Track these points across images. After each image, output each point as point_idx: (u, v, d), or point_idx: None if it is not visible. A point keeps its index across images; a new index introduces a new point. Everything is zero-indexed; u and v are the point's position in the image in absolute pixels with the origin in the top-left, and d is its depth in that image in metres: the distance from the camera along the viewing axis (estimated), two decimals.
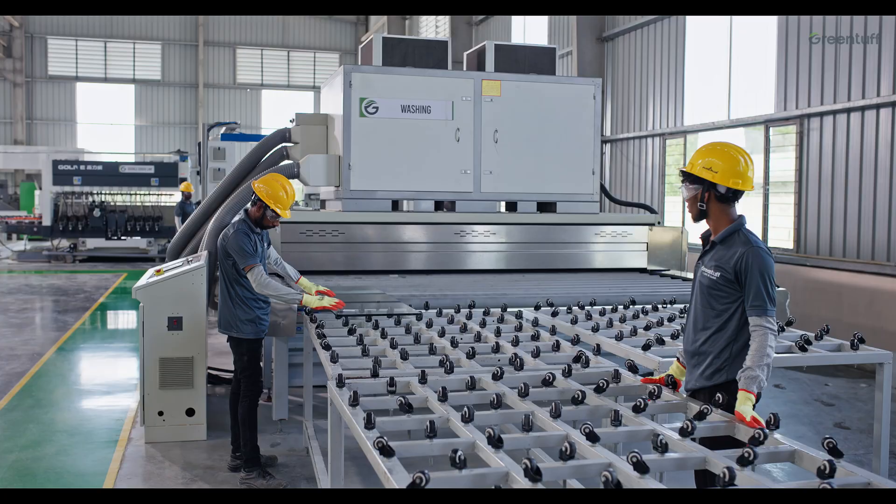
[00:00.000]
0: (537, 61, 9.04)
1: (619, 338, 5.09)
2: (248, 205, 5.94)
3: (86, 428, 7.12)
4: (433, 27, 28.37)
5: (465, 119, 8.43)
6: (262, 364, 6.08)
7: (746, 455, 2.78)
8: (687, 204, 3.90)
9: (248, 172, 9.02)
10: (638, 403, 3.47)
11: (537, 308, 6.42)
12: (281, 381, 6.71)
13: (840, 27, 10.72)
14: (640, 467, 2.68)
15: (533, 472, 2.60)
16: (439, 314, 6.03)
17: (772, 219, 12.08)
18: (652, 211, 9.34)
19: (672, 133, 14.74)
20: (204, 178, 13.04)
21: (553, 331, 5.41)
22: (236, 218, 6.03)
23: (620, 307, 6.50)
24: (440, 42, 8.86)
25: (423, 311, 6.18)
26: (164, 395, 6.63)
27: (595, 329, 5.40)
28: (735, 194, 3.75)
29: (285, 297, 5.63)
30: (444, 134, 8.39)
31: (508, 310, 6.24)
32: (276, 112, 34.85)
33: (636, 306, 6.54)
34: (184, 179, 23.08)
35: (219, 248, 5.97)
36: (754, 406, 3.40)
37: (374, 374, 4.05)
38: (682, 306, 6.52)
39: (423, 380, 3.92)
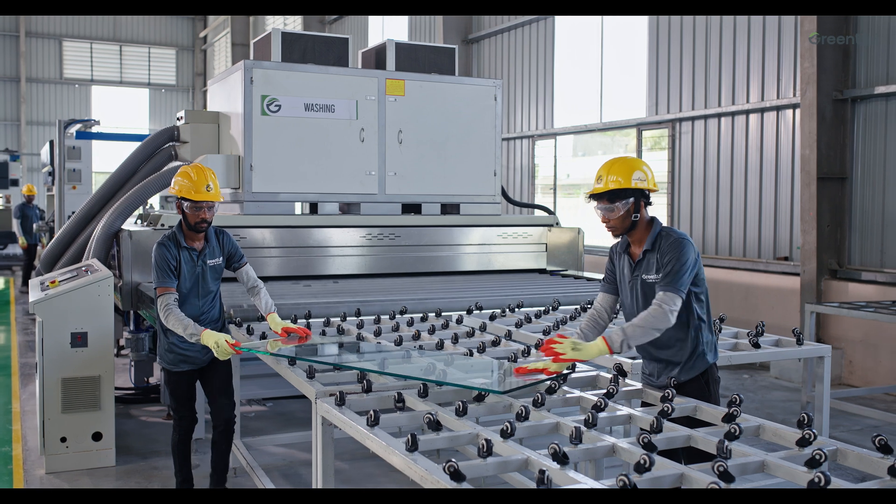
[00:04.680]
0: (437, 61, 8.91)
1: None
2: None
3: None
4: (280, 25, 27.61)
5: (369, 119, 8.19)
6: (188, 394, 5.38)
7: (818, 457, 2.77)
8: (610, 223, 3.86)
9: (133, 174, 8.41)
10: (665, 409, 3.42)
11: (469, 312, 6.32)
12: None
13: (710, 34, 11.25)
14: (726, 476, 2.62)
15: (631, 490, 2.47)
16: (377, 321, 5.80)
17: None
18: (549, 212, 9.44)
19: (542, 135, 15.01)
20: (59, 180, 12.00)
21: (509, 335, 5.31)
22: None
23: (551, 309, 6.51)
24: (341, 39, 8.56)
25: (356, 317, 5.93)
26: (67, 419, 5.99)
27: (546, 332, 5.36)
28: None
29: (186, 333, 4.75)
30: (349, 134, 8.12)
31: (442, 314, 6.10)
32: (108, 109, 32.79)
33: (564, 307, 6.58)
34: (14, 181, 21.38)
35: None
36: None
37: (368, 390, 3.79)
38: None
39: (423, 394, 3.71)
